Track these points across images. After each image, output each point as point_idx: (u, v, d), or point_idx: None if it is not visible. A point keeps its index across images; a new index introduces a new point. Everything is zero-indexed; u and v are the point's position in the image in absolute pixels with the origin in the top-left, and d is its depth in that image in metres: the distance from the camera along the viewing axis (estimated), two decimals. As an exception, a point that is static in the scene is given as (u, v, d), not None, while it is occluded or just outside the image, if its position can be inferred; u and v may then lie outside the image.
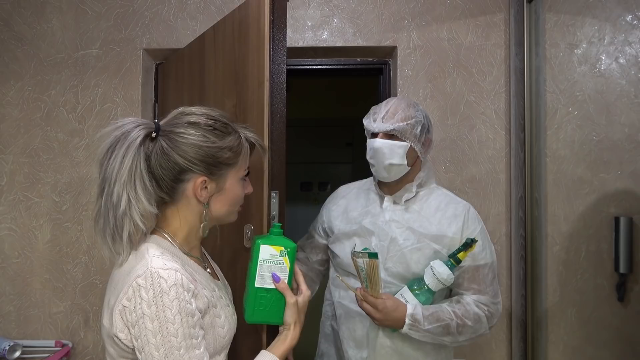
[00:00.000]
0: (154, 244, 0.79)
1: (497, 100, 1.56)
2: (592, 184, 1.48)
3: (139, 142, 0.76)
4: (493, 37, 1.56)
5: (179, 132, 0.79)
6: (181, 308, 0.73)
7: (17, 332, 1.58)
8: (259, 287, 0.88)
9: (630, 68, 1.44)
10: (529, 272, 1.49)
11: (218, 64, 1.26)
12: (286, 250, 0.90)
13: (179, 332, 0.73)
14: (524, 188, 1.51)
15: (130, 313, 0.73)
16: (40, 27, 1.62)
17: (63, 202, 1.60)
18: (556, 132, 1.52)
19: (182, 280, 0.74)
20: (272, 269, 0.89)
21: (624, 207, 1.44)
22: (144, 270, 0.74)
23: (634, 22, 1.45)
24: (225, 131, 0.83)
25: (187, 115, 0.82)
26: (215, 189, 0.83)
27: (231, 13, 1.22)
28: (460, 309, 1.10)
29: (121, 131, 0.76)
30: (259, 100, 1.08)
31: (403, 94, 1.56)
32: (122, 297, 0.74)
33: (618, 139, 1.45)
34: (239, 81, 1.16)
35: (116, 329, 0.75)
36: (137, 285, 0.73)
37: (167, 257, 0.77)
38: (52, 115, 1.61)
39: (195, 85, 1.37)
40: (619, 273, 1.42)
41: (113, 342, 0.77)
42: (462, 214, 1.15)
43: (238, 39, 1.17)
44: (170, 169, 0.79)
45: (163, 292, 0.72)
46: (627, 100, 1.44)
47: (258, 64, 1.09)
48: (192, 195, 0.81)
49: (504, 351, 1.53)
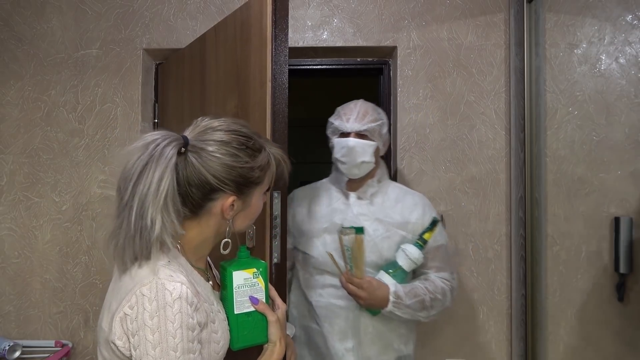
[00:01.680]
0: (162, 252, 0.77)
1: (497, 100, 1.56)
2: (592, 184, 1.48)
3: (174, 163, 0.73)
4: (493, 37, 1.56)
5: (211, 150, 0.77)
6: (183, 322, 0.72)
7: (17, 332, 1.58)
8: (239, 313, 0.87)
9: (630, 68, 1.44)
10: (529, 272, 1.49)
11: (219, 64, 1.26)
12: (259, 270, 0.90)
13: (179, 346, 0.71)
14: (524, 188, 1.51)
15: (132, 322, 0.72)
16: (40, 27, 1.62)
17: (63, 202, 1.60)
18: (556, 132, 1.52)
19: (186, 293, 0.73)
20: (248, 293, 0.88)
21: (624, 207, 1.44)
22: (150, 280, 0.72)
23: (634, 22, 1.45)
24: (256, 150, 0.81)
25: (218, 132, 0.79)
26: (242, 207, 0.82)
27: (232, 14, 1.22)
28: (429, 285, 1.24)
29: (154, 149, 0.73)
30: (262, 101, 1.09)
31: (403, 94, 1.57)
32: (125, 305, 0.73)
33: (618, 139, 1.45)
34: (241, 81, 1.16)
35: (114, 336, 0.73)
36: (141, 294, 0.72)
37: (173, 267, 0.76)
38: (52, 115, 1.61)
39: (196, 85, 1.37)
40: (619, 273, 1.42)
41: (109, 348, 0.76)
42: (420, 202, 1.32)
43: (240, 40, 1.17)
44: (200, 187, 0.77)
45: (167, 304, 0.71)
46: (627, 100, 1.44)
47: (260, 64, 1.09)
48: (218, 213, 0.80)
49: (504, 351, 1.53)
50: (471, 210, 1.54)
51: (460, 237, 1.54)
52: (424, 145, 1.56)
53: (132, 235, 0.73)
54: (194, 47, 1.41)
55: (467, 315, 1.53)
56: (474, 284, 1.53)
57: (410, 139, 1.56)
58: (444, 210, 1.54)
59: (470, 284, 1.53)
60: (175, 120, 1.55)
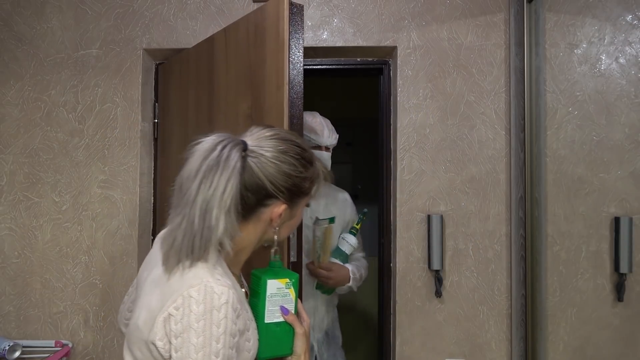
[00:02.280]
0: (211, 255, 0.76)
1: (497, 100, 1.56)
2: (592, 184, 1.48)
3: (240, 166, 0.74)
4: (493, 37, 1.56)
5: (270, 156, 0.78)
6: (227, 328, 0.71)
7: (17, 332, 1.58)
8: (269, 322, 0.86)
9: (630, 68, 1.44)
10: (529, 272, 1.49)
11: (230, 66, 1.28)
12: (291, 281, 0.89)
13: (221, 352, 0.70)
14: (524, 188, 1.51)
15: (176, 323, 0.70)
16: (40, 27, 1.62)
17: (63, 202, 1.60)
18: (556, 132, 1.52)
19: (233, 299, 0.72)
20: (279, 303, 0.87)
21: (624, 207, 1.44)
22: (198, 282, 0.71)
23: (634, 22, 1.45)
24: (309, 162, 0.83)
25: (275, 140, 0.80)
26: (289, 216, 0.84)
27: (245, 17, 1.22)
28: (359, 263, 1.66)
29: (222, 150, 0.74)
30: (278, 103, 1.11)
31: (403, 94, 1.57)
32: (170, 305, 0.71)
33: (618, 139, 1.45)
34: (255, 84, 1.19)
35: (155, 336, 0.72)
36: (188, 295, 0.71)
37: (219, 271, 0.75)
38: (52, 115, 1.61)
39: (203, 86, 1.38)
40: (619, 273, 1.42)
41: (147, 349, 0.74)
42: (348, 198, 1.73)
43: (254, 43, 1.19)
44: (256, 192, 0.78)
45: (214, 308, 0.70)
46: (627, 100, 1.44)
47: (277, 67, 1.11)
48: (267, 219, 0.81)
49: (504, 351, 1.53)
50: (471, 210, 1.54)
51: (460, 237, 1.54)
52: (424, 145, 1.56)
53: (193, 234, 0.73)
54: (201, 48, 1.41)
55: (467, 315, 1.53)
56: (474, 284, 1.53)
57: (410, 139, 1.56)
58: (444, 210, 1.55)
59: (470, 284, 1.53)
60: (178, 120, 1.56)
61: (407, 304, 1.54)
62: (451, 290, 1.54)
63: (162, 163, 1.66)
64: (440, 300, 1.54)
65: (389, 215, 1.65)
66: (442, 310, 1.54)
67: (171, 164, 1.57)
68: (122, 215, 1.59)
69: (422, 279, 1.54)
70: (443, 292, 1.54)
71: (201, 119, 1.40)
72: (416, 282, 1.54)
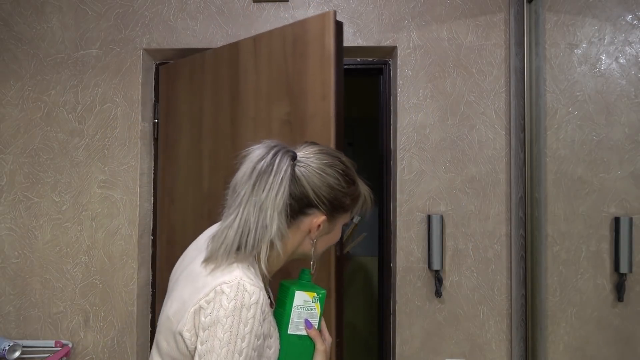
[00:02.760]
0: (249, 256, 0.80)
1: (497, 100, 1.56)
2: (592, 184, 1.48)
3: (291, 172, 0.79)
4: (493, 37, 1.56)
5: (316, 168, 0.82)
6: (253, 328, 0.73)
7: (17, 332, 1.58)
8: (292, 334, 0.87)
9: (630, 68, 1.44)
10: (529, 272, 1.49)
11: (261, 73, 1.36)
12: (318, 296, 0.90)
13: (244, 351, 0.72)
14: (524, 188, 1.51)
15: (206, 316, 0.72)
16: (40, 27, 1.62)
17: (63, 202, 1.60)
18: (556, 132, 1.52)
19: (263, 301, 0.74)
20: (304, 315, 0.88)
21: (624, 207, 1.44)
22: (232, 279, 0.74)
23: (634, 22, 1.45)
24: (352, 180, 0.87)
25: (323, 154, 0.85)
26: (327, 230, 0.87)
27: (280, 29, 1.32)
28: None
29: (275, 155, 0.79)
30: (324, 112, 1.21)
31: (403, 94, 1.57)
32: (202, 298, 0.74)
33: (618, 139, 1.45)
34: (294, 92, 1.28)
35: (184, 327, 0.74)
36: (221, 291, 0.73)
37: (252, 272, 0.77)
38: (52, 115, 1.61)
39: (224, 90, 1.45)
40: (619, 273, 1.42)
41: (173, 339, 0.77)
42: None
43: (292, 54, 1.29)
44: (299, 200, 0.81)
45: (244, 306, 0.72)
46: (627, 100, 1.44)
47: (322, 79, 1.22)
48: (305, 229, 0.84)
49: (504, 351, 1.53)
50: (471, 210, 1.55)
51: (460, 237, 1.54)
52: (424, 145, 1.56)
53: (247, 232, 0.77)
54: (222, 53, 1.45)
55: (467, 315, 1.53)
56: (474, 284, 1.53)
57: (410, 139, 1.56)
58: (444, 210, 1.55)
59: (470, 284, 1.53)
60: (188, 122, 1.57)
61: (407, 304, 1.54)
62: (451, 290, 1.54)
63: (165, 163, 1.66)
64: (440, 300, 1.54)
65: (389, 215, 1.65)
66: (442, 310, 1.54)
67: (179, 164, 1.59)
68: (122, 215, 1.59)
69: (422, 279, 1.54)
70: (443, 292, 1.54)
71: (221, 121, 1.44)
72: (416, 282, 1.54)
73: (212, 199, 1.48)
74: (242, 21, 1.59)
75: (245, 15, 1.60)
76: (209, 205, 1.49)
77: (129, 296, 1.58)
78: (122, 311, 1.58)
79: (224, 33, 1.59)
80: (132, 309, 1.58)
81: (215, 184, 1.48)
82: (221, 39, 1.59)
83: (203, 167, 1.51)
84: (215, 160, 1.47)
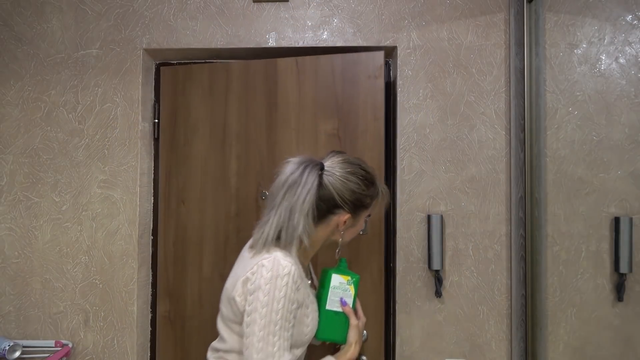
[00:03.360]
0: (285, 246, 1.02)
1: (497, 100, 1.56)
2: (592, 184, 1.48)
3: (317, 183, 1.01)
4: (493, 37, 1.56)
5: (339, 176, 1.03)
6: (287, 293, 0.94)
7: (17, 332, 1.58)
8: (329, 309, 1.06)
9: (630, 68, 1.44)
10: (529, 272, 1.49)
11: (305, 91, 1.57)
12: (352, 279, 1.10)
13: (280, 312, 0.93)
14: (524, 188, 1.51)
15: (252, 283, 0.95)
16: (40, 27, 1.62)
17: (63, 202, 1.60)
18: (556, 132, 1.52)
19: (294, 272, 0.96)
20: (340, 295, 1.08)
21: (624, 207, 1.44)
22: (270, 256, 0.97)
23: (634, 22, 1.45)
24: (371, 182, 1.07)
25: (346, 164, 1.06)
26: (352, 224, 1.08)
27: (328, 57, 1.56)
28: None
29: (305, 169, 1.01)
30: (376, 130, 1.54)
31: (403, 94, 1.57)
32: (249, 271, 0.97)
33: (618, 139, 1.45)
34: (343, 111, 1.55)
35: (235, 293, 0.98)
36: (261, 265, 0.96)
37: (287, 254, 0.99)
38: (52, 115, 1.61)
39: (258, 100, 1.61)
40: (619, 273, 1.42)
41: (229, 304, 1.01)
42: None
43: (341, 79, 1.55)
44: (327, 202, 1.03)
45: (278, 275, 0.94)
46: (627, 100, 1.44)
47: (373, 104, 1.54)
48: (334, 225, 1.06)
49: (504, 351, 1.53)
50: (471, 210, 1.55)
51: (460, 237, 1.54)
52: (424, 145, 1.56)
53: (279, 229, 1.00)
54: (255, 66, 1.60)
55: (467, 315, 1.53)
56: (474, 284, 1.53)
57: (410, 139, 1.56)
58: (444, 210, 1.55)
59: (470, 284, 1.53)
60: (206, 124, 1.64)
61: (407, 304, 1.54)
62: (451, 290, 1.54)
63: (173, 163, 1.67)
64: (440, 300, 1.54)
65: (389, 215, 1.65)
66: (442, 310, 1.54)
67: (193, 165, 1.66)
68: (122, 215, 1.59)
69: (422, 279, 1.54)
70: (443, 292, 1.54)
71: (253, 128, 1.61)
72: (416, 282, 1.54)
73: (241, 199, 1.61)
74: (242, 21, 1.59)
75: (245, 15, 1.60)
76: (238, 205, 1.61)
77: (129, 296, 1.58)
78: (122, 311, 1.58)
79: (224, 33, 1.59)
80: (132, 309, 1.58)
81: (244, 185, 1.61)
82: (221, 39, 1.59)
83: (229, 169, 1.61)
84: (245, 163, 1.60)
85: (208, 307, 1.65)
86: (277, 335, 0.91)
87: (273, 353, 0.91)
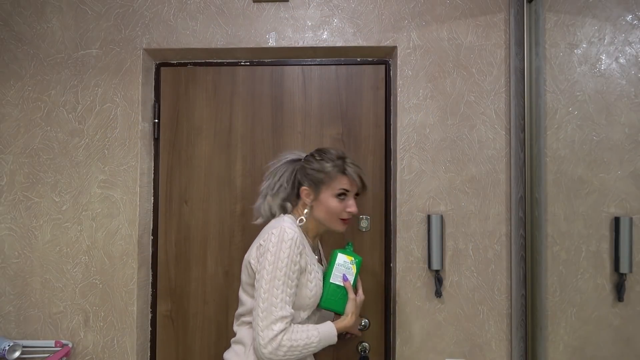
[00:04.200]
0: (289, 217, 1.25)
1: (497, 100, 1.56)
2: (592, 184, 1.48)
3: (289, 172, 1.32)
4: (493, 37, 1.56)
5: (303, 161, 1.31)
6: (290, 255, 1.13)
7: (17, 332, 1.58)
8: (332, 282, 1.25)
9: (630, 68, 1.44)
10: (529, 272, 1.49)
11: (311, 97, 1.67)
12: (355, 260, 1.29)
13: (283, 270, 1.12)
14: (524, 188, 1.51)
15: (262, 249, 1.16)
16: (40, 27, 1.62)
17: (63, 202, 1.60)
18: (556, 132, 1.52)
19: (297, 239, 1.16)
20: (343, 271, 1.26)
21: (624, 207, 1.44)
22: (278, 226, 1.18)
23: (634, 22, 1.45)
24: (322, 160, 1.26)
25: (313, 151, 1.32)
26: (314, 197, 1.27)
27: (334, 68, 1.67)
28: None
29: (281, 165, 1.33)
30: (378, 136, 1.66)
31: (403, 94, 1.56)
32: (261, 238, 1.19)
33: (618, 139, 1.45)
34: (347, 117, 1.67)
35: (251, 257, 1.20)
36: (271, 233, 1.17)
37: (294, 226, 1.20)
38: (52, 115, 1.61)
39: (264, 104, 1.69)
40: (619, 273, 1.42)
41: (246, 269, 1.22)
42: None
43: (345, 88, 1.67)
44: (297, 183, 1.30)
45: (283, 240, 1.14)
46: (627, 100, 1.44)
47: (375, 112, 1.66)
48: (304, 199, 1.28)
49: (504, 351, 1.53)
50: (471, 210, 1.54)
51: (460, 237, 1.54)
52: (424, 145, 1.56)
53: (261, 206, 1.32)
54: (262, 73, 1.68)
55: (467, 315, 1.53)
56: (474, 284, 1.53)
57: (410, 139, 1.56)
58: (444, 210, 1.55)
59: (470, 284, 1.53)
60: (211, 126, 1.67)
61: (407, 304, 1.54)
62: (451, 290, 1.54)
63: (175, 164, 1.69)
64: (440, 300, 1.54)
65: (389, 215, 1.65)
66: (442, 310, 1.54)
67: (197, 165, 1.68)
68: (122, 215, 1.59)
69: (422, 279, 1.54)
70: (443, 292, 1.54)
71: (259, 131, 1.69)
72: (416, 282, 1.54)
73: (247, 199, 1.67)
74: (242, 21, 1.59)
75: (245, 15, 1.60)
76: (243, 204, 1.67)
77: (129, 296, 1.58)
78: (122, 311, 1.58)
79: (224, 33, 1.59)
80: (132, 309, 1.58)
81: (250, 185, 1.67)
82: (221, 39, 1.59)
83: (235, 170, 1.67)
84: (251, 164, 1.67)
85: (212, 304, 1.65)
86: (280, 289, 1.11)
87: (276, 303, 1.10)
